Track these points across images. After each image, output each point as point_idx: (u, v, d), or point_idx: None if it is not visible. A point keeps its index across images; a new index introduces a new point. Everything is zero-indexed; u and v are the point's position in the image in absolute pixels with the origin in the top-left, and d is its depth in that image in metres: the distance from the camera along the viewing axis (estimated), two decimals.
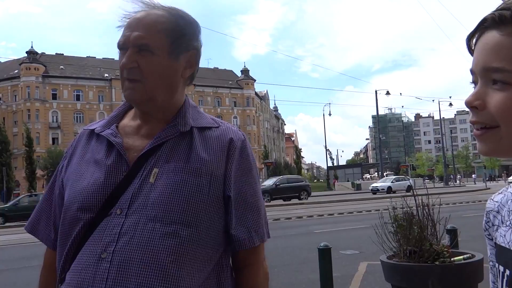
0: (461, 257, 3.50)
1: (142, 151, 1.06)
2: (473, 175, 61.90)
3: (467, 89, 0.70)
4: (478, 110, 0.66)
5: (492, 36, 0.64)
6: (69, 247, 1.02)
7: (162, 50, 1.05)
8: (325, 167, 66.30)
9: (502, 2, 0.66)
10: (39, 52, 62.84)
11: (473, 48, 0.69)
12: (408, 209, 3.81)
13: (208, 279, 1.02)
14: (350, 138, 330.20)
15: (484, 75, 0.65)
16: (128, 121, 1.15)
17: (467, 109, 0.66)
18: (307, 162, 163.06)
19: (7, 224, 20.40)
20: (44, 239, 1.18)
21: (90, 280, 0.94)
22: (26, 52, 60.74)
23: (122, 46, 1.05)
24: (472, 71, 0.68)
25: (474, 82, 0.68)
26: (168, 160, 1.04)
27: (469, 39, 0.69)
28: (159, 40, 1.04)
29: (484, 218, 0.82)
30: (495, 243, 0.76)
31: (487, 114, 0.65)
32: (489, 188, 34.75)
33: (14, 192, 44.82)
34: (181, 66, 1.09)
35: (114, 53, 1.17)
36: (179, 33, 1.08)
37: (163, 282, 0.93)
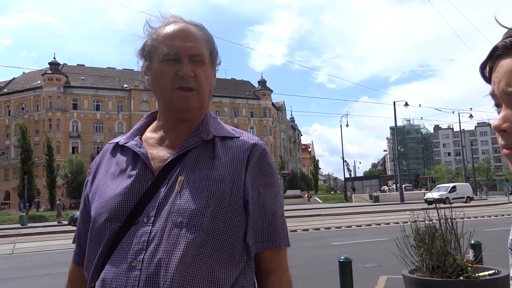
0: (486, 273, 3.40)
1: (167, 161, 1.08)
2: None
3: (488, 101, 0.71)
4: (507, 133, 0.66)
5: (508, 61, 0.66)
6: (98, 256, 1.04)
7: (208, 60, 1.11)
8: (342, 179, 65.66)
9: (507, 29, 0.69)
10: (61, 63, 64.39)
11: (487, 75, 0.71)
12: (431, 222, 3.74)
13: (234, 286, 1.02)
14: (367, 149, 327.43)
15: (507, 99, 0.67)
16: (151, 134, 1.17)
17: (488, 121, 0.71)
18: (323, 174, 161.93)
19: (28, 231, 20.76)
20: (73, 253, 1.21)
21: None
22: (49, 63, 62.30)
23: (175, 56, 1.07)
24: (493, 96, 0.70)
25: (497, 105, 0.69)
26: (193, 169, 1.06)
27: (483, 67, 0.71)
28: (206, 50, 1.11)
29: (510, 236, 0.80)
30: None
31: None
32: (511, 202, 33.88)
33: (35, 200, 45.66)
34: (214, 76, 1.17)
35: (132, 64, 1.19)
36: (213, 44, 1.15)
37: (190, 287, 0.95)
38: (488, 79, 0.70)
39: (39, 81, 62.16)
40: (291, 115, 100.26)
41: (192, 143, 1.09)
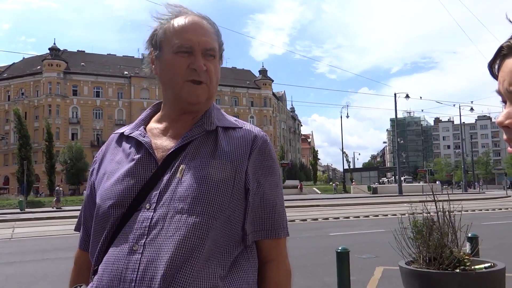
0: (483, 265, 3.43)
1: (170, 150, 1.10)
2: None
3: (489, 94, 0.75)
4: (510, 128, 0.71)
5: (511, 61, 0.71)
6: (102, 241, 1.07)
7: (217, 53, 1.15)
8: (341, 170, 65.79)
9: None
10: (61, 48, 64.05)
11: (496, 73, 0.74)
12: (428, 214, 3.75)
13: (233, 270, 1.05)
14: (366, 141, 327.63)
15: (510, 97, 0.71)
16: (155, 124, 1.20)
17: (488, 114, 0.74)
18: (323, 164, 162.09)
19: (26, 216, 20.85)
20: (79, 239, 1.26)
21: (123, 270, 0.98)
22: (49, 49, 61.99)
23: (189, 49, 1.09)
24: (499, 93, 0.74)
25: (504, 102, 0.73)
26: (195, 157, 1.09)
27: (491, 66, 0.75)
28: (216, 44, 1.14)
29: None
30: None
31: None
32: (509, 196, 34.01)
33: (34, 185, 45.78)
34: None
35: (132, 51, 1.19)
36: (221, 37, 1.18)
37: (188, 271, 0.97)
38: (497, 77, 0.74)
39: (39, 67, 61.86)
40: (291, 105, 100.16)
41: (195, 133, 1.12)
